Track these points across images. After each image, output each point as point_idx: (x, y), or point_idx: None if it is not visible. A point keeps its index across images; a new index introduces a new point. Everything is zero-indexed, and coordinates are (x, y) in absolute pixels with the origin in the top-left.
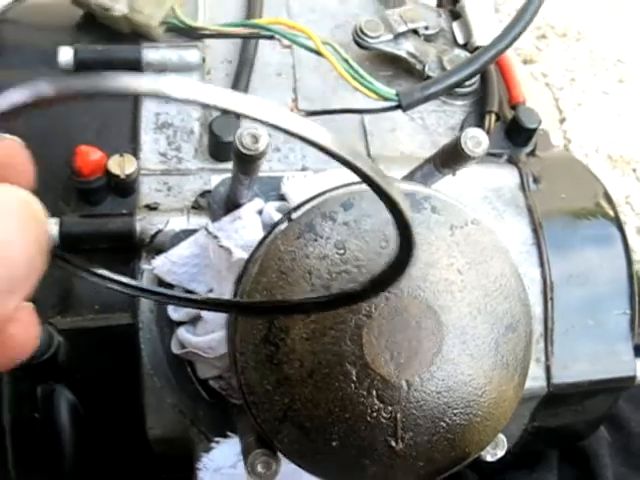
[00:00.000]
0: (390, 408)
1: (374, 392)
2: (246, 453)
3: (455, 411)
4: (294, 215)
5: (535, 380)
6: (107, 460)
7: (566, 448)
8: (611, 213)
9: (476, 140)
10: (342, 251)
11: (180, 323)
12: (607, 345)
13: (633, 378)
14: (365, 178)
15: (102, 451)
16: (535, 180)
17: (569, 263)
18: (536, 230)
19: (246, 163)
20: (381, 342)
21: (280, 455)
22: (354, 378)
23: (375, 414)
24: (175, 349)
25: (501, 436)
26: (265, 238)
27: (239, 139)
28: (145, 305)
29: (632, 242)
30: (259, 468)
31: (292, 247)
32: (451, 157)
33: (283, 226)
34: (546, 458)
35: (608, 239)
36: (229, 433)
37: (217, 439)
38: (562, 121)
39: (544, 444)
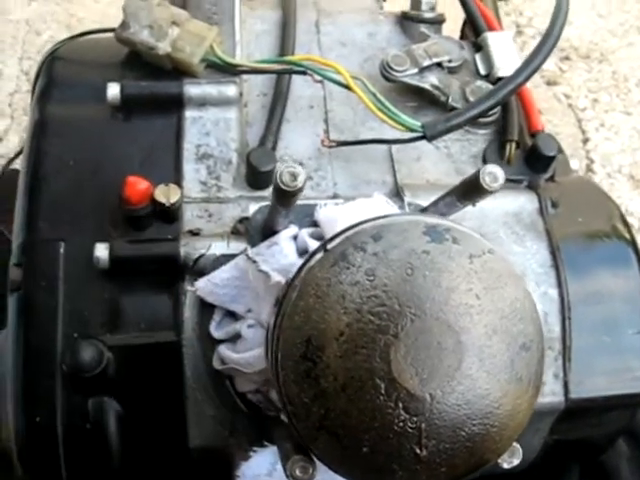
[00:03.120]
0: (415, 418)
1: (401, 404)
2: (285, 459)
3: (474, 422)
4: (329, 246)
5: (554, 395)
6: (151, 467)
7: (587, 463)
8: (627, 235)
9: (493, 176)
10: (372, 278)
11: (221, 341)
12: (622, 362)
13: None
14: None
15: (147, 459)
16: (553, 205)
17: (586, 283)
18: (554, 253)
19: (284, 198)
20: (407, 359)
21: (316, 460)
22: (383, 391)
23: (402, 424)
24: (216, 365)
25: (517, 445)
26: (303, 266)
27: (279, 177)
28: (188, 324)
29: None
30: (297, 472)
31: (327, 274)
32: (470, 190)
33: (319, 255)
34: (567, 473)
35: (623, 260)
36: (266, 443)
37: (255, 448)
38: (585, 141)
39: (564, 456)
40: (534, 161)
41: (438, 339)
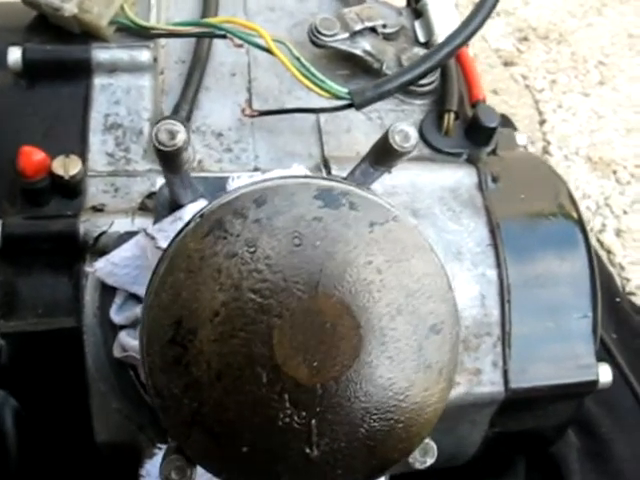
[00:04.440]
0: (304, 413)
1: (286, 396)
2: (163, 459)
3: (374, 417)
4: (205, 212)
5: (493, 385)
6: (55, 465)
7: (534, 455)
8: (574, 214)
9: (404, 134)
10: (253, 249)
11: (122, 327)
12: (568, 349)
13: (595, 383)
14: None
15: (50, 456)
16: (494, 180)
17: (528, 265)
18: (493, 231)
19: (166, 160)
20: (293, 344)
21: None
22: (264, 381)
23: (287, 419)
24: (117, 353)
25: (431, 443)
26: (176, 237)
27: (155, 135)
28: (89, 308)
29: (611, 244)
30: (173, 475)
31: (201, 245)
32: (382, 153)
33: (193, 224)
34: (513, 465)
35: (569, 240)
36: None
37: (160, 445)
38: (542, 123)
39: (508, 450)
40: (474, 133)
41: (331, 320)
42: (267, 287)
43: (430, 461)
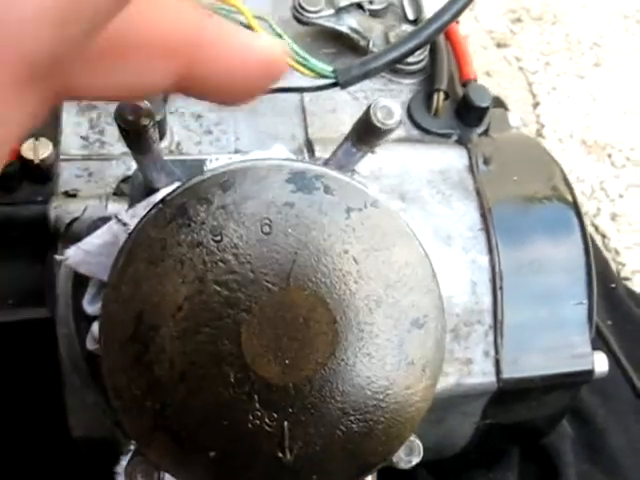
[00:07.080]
0: (275, 415)
1: (255, 397)
2: (129, 460)
3: (352, 418)
4: (167, 197)
5: (484, 375)
6: (30, 461)
7: (528, 445)
8: (568, 197)
9: (387, 110)
10: (218, 237)
11: (95, 317)
12: (562, 337)
13: (591, 372)
14: None
15: (25, 452)
16: (485, 161)
17: (521, 250)
18: (485, 215)
19: (132, 139)
20: (263, 341)
21: None
22: (232, 381)
23: (257, 421)
24: (90, 345)
25: (417, 441)
26: (137, 225)
27: (117, 112)
28: (62, 298)
29: (606, 228)
30: (139, 478)
31: (162, 234)
32: (364, 132)
33: (155, 210)
34: (506, 456)
35: (564, 224)
36: None
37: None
38: (536, 105)
39: (501, 441)
40: (465, 113)
41: (304, 315)
42: (234, 279)
43: (416, 460)
